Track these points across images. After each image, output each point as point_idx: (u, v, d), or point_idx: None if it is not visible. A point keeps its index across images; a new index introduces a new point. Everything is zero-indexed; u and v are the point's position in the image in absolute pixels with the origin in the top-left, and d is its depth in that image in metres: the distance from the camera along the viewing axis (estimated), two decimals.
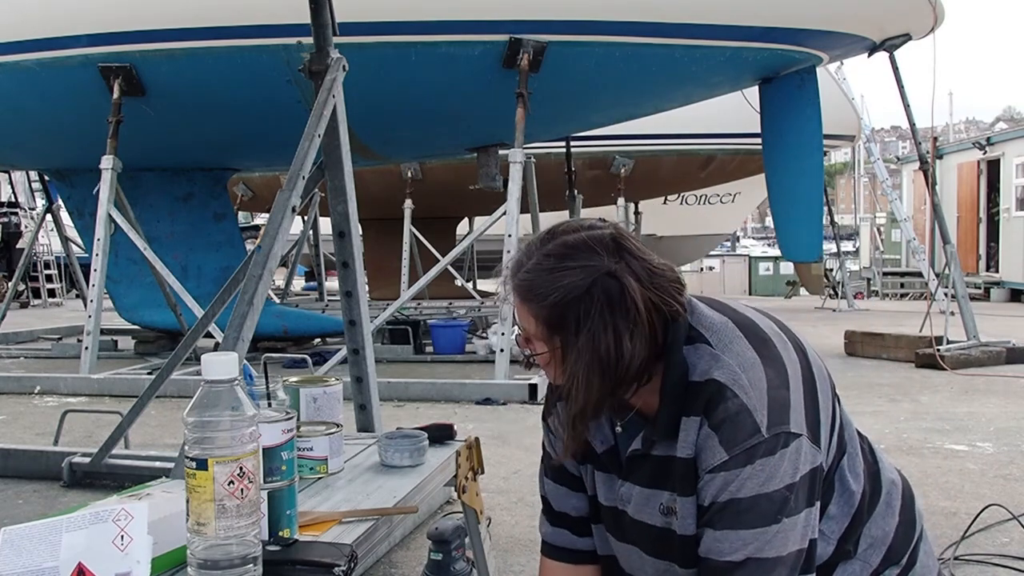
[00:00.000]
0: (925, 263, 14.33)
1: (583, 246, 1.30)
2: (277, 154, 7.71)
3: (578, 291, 1.27)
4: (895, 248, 21.69)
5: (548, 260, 1.31)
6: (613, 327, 1.26)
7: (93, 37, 7.16)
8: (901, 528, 1.35)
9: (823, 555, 1.29)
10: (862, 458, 1.37)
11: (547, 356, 1.32)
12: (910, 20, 8.16)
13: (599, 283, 1.27)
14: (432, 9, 6.89)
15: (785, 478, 1.19)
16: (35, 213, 14.99)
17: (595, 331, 1.26)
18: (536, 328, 1.31)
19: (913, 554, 1.37)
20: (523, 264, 1.33)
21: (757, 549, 1.16)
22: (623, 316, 1.26)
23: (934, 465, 4.42)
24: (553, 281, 1.28)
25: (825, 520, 1.29)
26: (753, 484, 1.19)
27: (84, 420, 5.20)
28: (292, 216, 3.00)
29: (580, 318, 1.26)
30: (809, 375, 1.31)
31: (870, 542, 1.32)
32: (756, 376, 1.24)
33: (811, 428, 1.25)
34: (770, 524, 1.17)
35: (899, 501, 1.38)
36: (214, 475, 1.07)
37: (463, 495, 1.90)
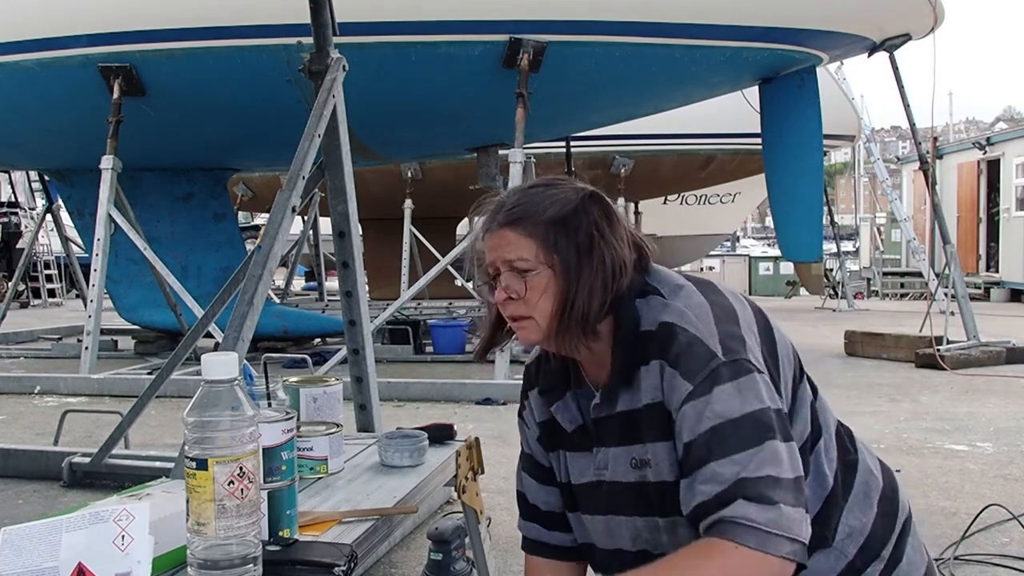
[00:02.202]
0: (925, 263, 14.34)
1: (561, 180, 1.38)
2: (277, 154, 7.71)
3: (572, 204, 1.32)
4: (895, 248, 21.68)
5: (535, 188, 1.36)
6: (610, 237, 1.31)
7: (93, 37, 7.17)
8: (879, 520, 1.33)
9: None
10: (837, 445, 1.35)
11: (538, 281, 1.30)
12: (910, 20, 8.15)
13: (591, 198, 1.34)
14: (432, 9, 6.89)
15: (757, 402, 1.18)
16: (35, 213, 14.99)
17: (596, 240, 1.30)
18: (531, 249, 1.31)
19: (898, 549, 1.35)
20: (504, 203, 1.36)
21: (753, 469, 1.13)
22: (614, 230, 1.33)
23: (934, 465, 4.42)
24: (547, 199, 1.33)
25: None
26: (727, 407, 1.18)
27: (84, 420, 5.20)
28: (292, 216, 3.00)
29: (579, 229, 1.30)
30: (768, 334, 1.30)
31: (848, 531, 1.30)
32: (703, 312, 1.26)
33: (770, 374, 1.24)
34: (759, 444, 1.15)
35: (877, 493, 1.35)
36: (214, 475, 1.07)
37: (463, 495, 1.90)
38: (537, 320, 1.31)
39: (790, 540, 1.12)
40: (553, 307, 1.30)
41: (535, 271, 1.30)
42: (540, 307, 1.31)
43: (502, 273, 1.33)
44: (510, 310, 1.33)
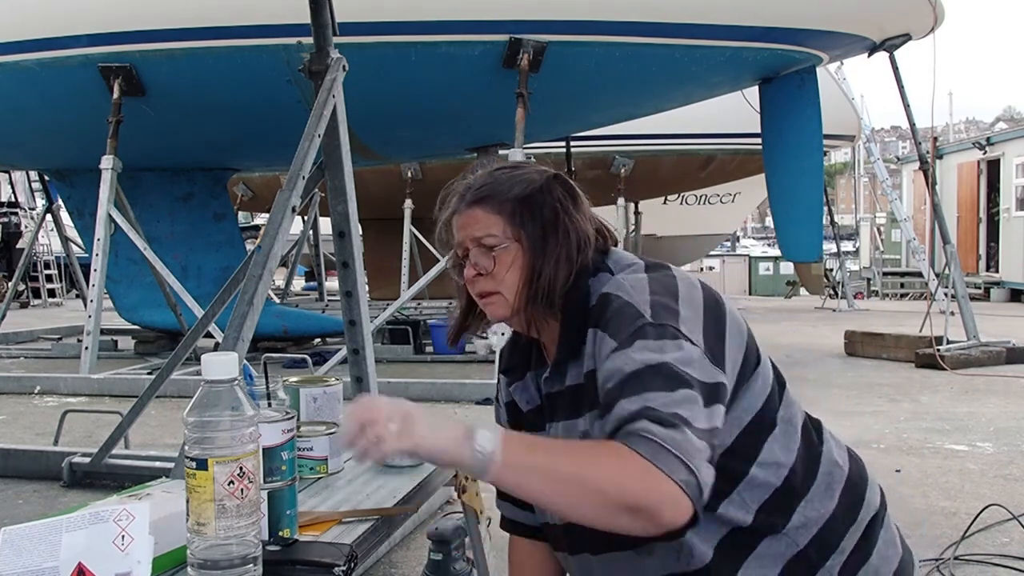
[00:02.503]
0: (925, 263, 14.34)
1: (526, 163, 1.43)
2: (277, 154, 7.71)
3: (538, 184, 1.37)
4: (895, 248, 21.68)
5: (500, 170, 1.41)
6: (574, 213, 1.36)
7: (93, 37, 7.17)
8: (839, 511, 1.30)
9: (742, 521, 1.26)
10: (803, 438, 1.33)
11: (505, 256, 1.33)
12: (910, 20, 8.15)
13: (555, 178, 1.39)
14: (432, 9, 6.89)
15: (683, 363, 1.17)
16: (35, 213, 14.99)
17: (560, 215, 1.34)
18: (498, 225, 1.34)
19: (865, 542, 1.32)
20: (472, 184, 1.40)
21: (663, 406, 1.11)
22: (578, 207, 1.38)
23: (934, 465, 4.42)
24: (512, 178, 1.37)
25: (748, 486, 1.27)
26: (646, 356, 1.18)
27: (84, 420, 5.20)
28: (292, 216, 3.00)
29: (544, 206, 1.35)
30: (716, 314, 1.28)
31: (803, 521, 1.28)
32: (640, 284, 1.27)
33: (711, 350, 1.21)
34: (671, 389, 1.14)
35: (841, 484, 1.33)
36: (214, 475, 1.07)
37: (463, 495, 1.90)
38: (504, 295, 1.34)
39: (686, 467, 1.08)
40: (520, 281, 1.33)
41: (502, 246, 1.34)
42: (507, 281, 1.34)
43: (472, 252, 1.36)
44: (479, 287, 1.36)
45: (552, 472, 1.10)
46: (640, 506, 1.08)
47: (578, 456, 1.14)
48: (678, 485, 1.08)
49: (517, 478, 1.11)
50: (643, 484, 1.08)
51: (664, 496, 1.07)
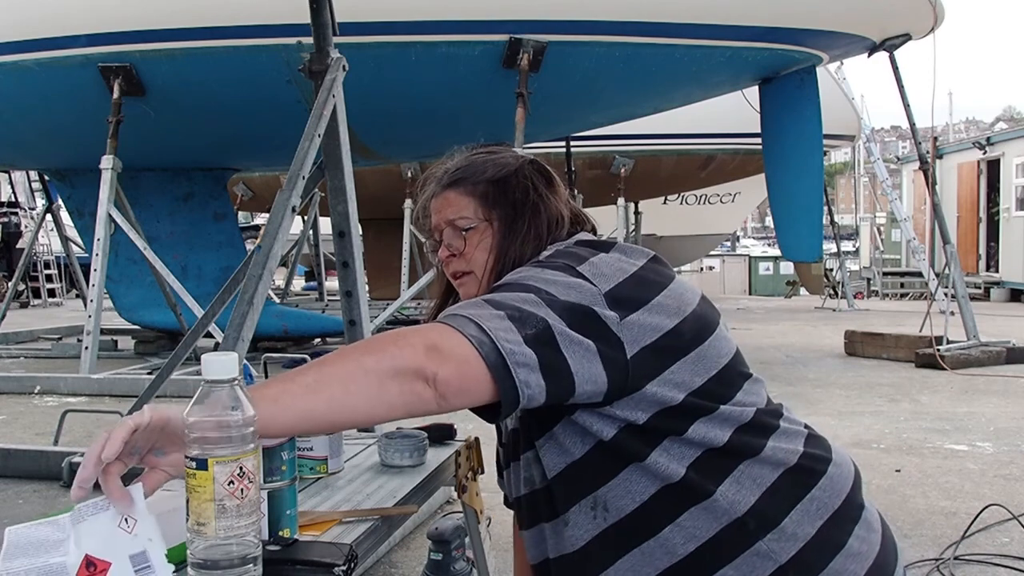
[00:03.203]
0: (925, 263, 14.34)
1: (503, 148, 1.44)
2: (277, 154, 7.71)
3: (512, 167, 1.39)
4: (895, 248, 21.68)
5: (476, 154, 1.43)
6: (547, 194, 1.38)
7: (93, 37, 7.16)
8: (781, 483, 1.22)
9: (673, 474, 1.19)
10: (754, 421, 1.25)
11: (476, 236, 1.35)
12: (910, 20, 8.16)
13: (530, 164, 1.41)
14: (432, 9, 6.89)
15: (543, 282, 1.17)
16: (35, 213, 14.99)
17: (531, 196, 1.36)
18: (471, 207, 1.37)
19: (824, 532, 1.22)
20: (448, 168, 1.42)
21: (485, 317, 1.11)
22: (552, 190, 1.40)
23: (934, 465, 4.42)
24: (487, 161, 1.40)
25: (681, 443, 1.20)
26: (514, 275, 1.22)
27: (84, 420, 5.20)
28: (292, 216, 3.00)
29: (517, 188, 1.37)
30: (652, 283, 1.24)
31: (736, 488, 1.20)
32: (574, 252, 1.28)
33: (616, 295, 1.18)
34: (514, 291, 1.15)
35: (790, 463, 1.24)
36: (214, 475, 1.07)
37: (463, 495, 1.90)
38: (476, 274, 1.36)
39: (478, 327, 1.08)
40: (490, 259, 1.35)
41: (472, 226, 1.36)
42: (477, 260, 1.36)
43: (446, 234, 1.39)
44: (452, 267, 1.39)
45: (306, 381, 1.06)
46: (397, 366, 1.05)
47: (322, 360, 1.10)
48: (465, 337, 1.08)
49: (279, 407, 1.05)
50: (410, 342, 1.07)
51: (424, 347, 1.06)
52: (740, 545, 1.19)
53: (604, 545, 1.24)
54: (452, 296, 1.45)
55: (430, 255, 1.45)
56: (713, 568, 1.20)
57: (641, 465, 1.20)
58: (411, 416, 1.11)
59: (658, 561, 1.21)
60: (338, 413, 1.08)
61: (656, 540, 1.21)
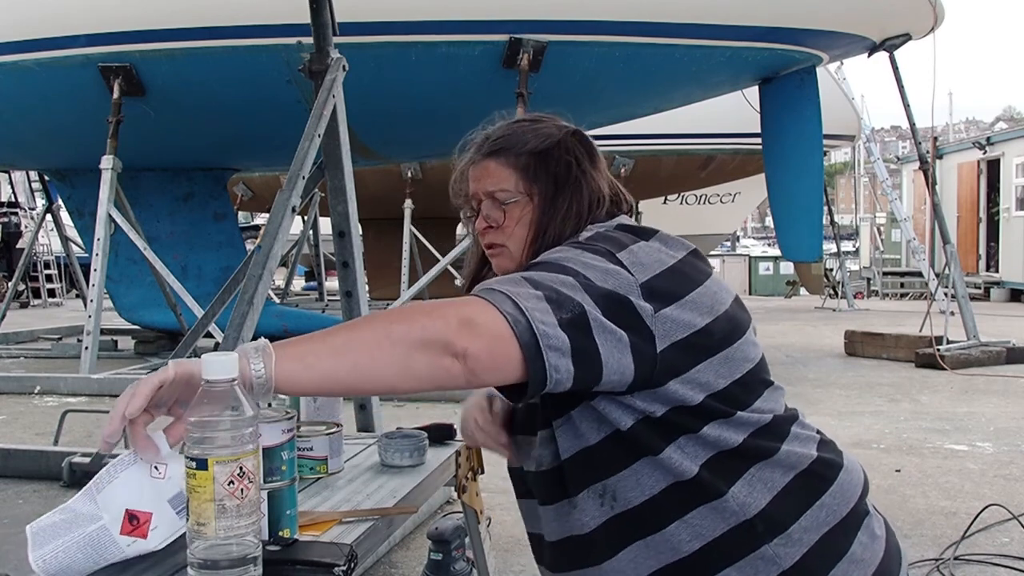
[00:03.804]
0: (925, 263, 14.33)
1: (547, 117, 1.41)
2: (277, 154, 7.71)
3: (555, 138, 1.36)
4: (895, 248, 21.67)
5: (519, 123, 1.40)
6: (589, 170, 1.36)
7: (93, 37, 7.17)
8: (793, 488, 1.21)
9: (686, 471, 1.18)
10: (771, 426, 1.25)
11: (515, 210, 1.33)
12: (910, 20, 8.16)
13: (573, 135, 1.38)
14: (432, 9, 6.89)
15: (583, 265, 1.15)
16: (35, 213, 14.99)
17: (574, 171, 1.34)
18: (511, 179, 1.34)
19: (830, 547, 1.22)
20: (489, 135, 1.40)
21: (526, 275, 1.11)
22: (595, 165, 1.38)
23: (934, 465, 4.42)
24: (530, 131, 1.37)
25: (696, 441, 1.20)
26: (561, 255, 1.19)
27: (84, 420, 5.19)
28: (292, 216, 3.00)
29: (559, 162, 1.34)
30: (690, 276, 1.23)
31: (747, 491, 1.20)
32: (614, 236, 1.27)
33: (652, 287, 1.17)
34: (552, 272, 1.13)
35: (801, 468, 1.24)
36: (214, 475, 1.07)
37: (463, 495, 1.90)
38: (511, 248, 1.34)
39: (515, 305, 1.07)
40: (528, 235, 1.33)
41: (513, 200, 1.34)
42: (516, 235, 1.34)
43: (484, 204, 1.36)
44: (488, 238, 1.37)
45: (333, 344, 1.06)
46: (428, 338, 1.04)
47: (352, 324, 1.10)
48: (501, 315, 1.06)
49: (304, 366, 1.04)
50: (444, 313, 1.06)
51: (458, 321, 1.05)
52: (746, 547, 1.19)
53: (609, 533, 1.23)
54: (486, 266, 1.42)
55: (464, 222, 1.43)
56: (717, 568, 1.20)
57: (654, 459, 1.20)
58: (438, 389, 1.09)
59: (662, 555, 1.21)
60: (361, 380, 1.08)
61: (662, 535, 1.21)
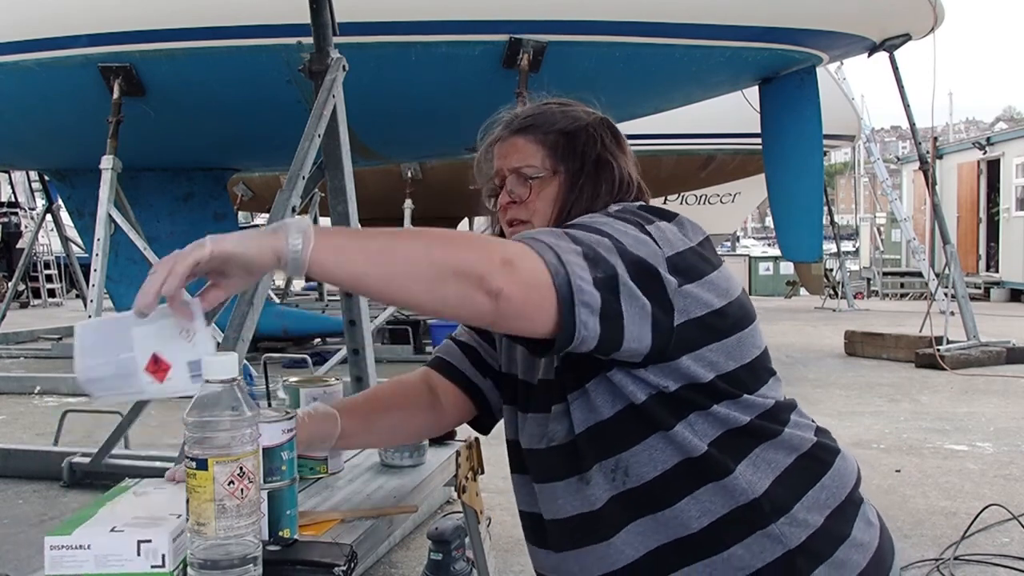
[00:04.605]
0: (925, 263, 14.33)
1: (575, 102, 1.41)
2: (277, 154, 7.71)
3: (583, 121, 1.36)
4: (895, 248, 21.67)
5: (548, 104, 1.40)
6: (619, 155, 1.35)
7: (93, 37, 7.16)
8: (794, 468, 1.23)
9: (694, 449, 1.19)
10: (772, 408, 1.27)
11: (541, 186, 1.32)
12: (910, 20, 8.15)
13: (601, 122, 1.37)
14: (432, 9, 6.89)
15: (617, 232, 1.15)
16: (35, 213, 14.98)
17: (603, 155, 1.33)
18: (538, 156, 1.34)
19: (832, 521, 1.23)
20: (519, 114, 1.39)
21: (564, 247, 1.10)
22: (623, 150, 1.37)
23: (934, 465, 4.42)
24: (559, 113, 1.37)
25: (706, 418, 1.21)
26: (596, 219, 1.19)
27: (84, 420, 5.20)
28: (292, 216, 3.00)
29: (588, 143, 1.34)
30: (709, 259, 1.25)
31: (752, 470, 1.21)
32: (638, 211, 1.27)
33: (676, 263, 1.18)
34: (588, 232, 1.13)
35: (803, 449, 1.26)
36: (214, 475, 1.07)
37: (463, 495, 1.90)
38: (535, 224, 1.33)
39: (556, 256, 1.06)
40: (552, 213, 1.32)
41: (539, 176, 1.33)
42: (540, 211, 1.33)
43: (508, 180, 1.36)
44: (511, 214, 1.35)
45: (372, 246, 1.06)
46: (465, 268, 1.03)
47: (396, 232, 1.10)
48: (544, 263, 1.06)
49: (337, 259, 1.04)
50: (488, 249, 1.06)
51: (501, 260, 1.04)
52: (753, 525, 1.20)
53: (618, 509, 1.23)
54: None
55: (486, 200, 1.42)
56: (724, 545, 1.20)
57: (666, 435, 1.21)
58: (461, 320, 1.10)
59: (671, 531, 1.22)
60: (389, 290, 1.08)
61: (672, 511, 1.21)
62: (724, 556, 1.20)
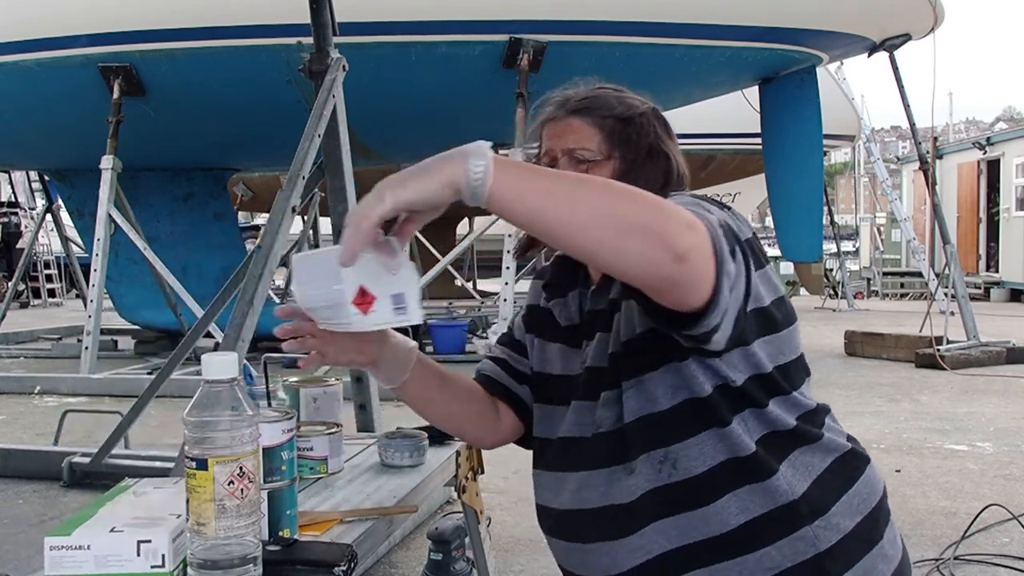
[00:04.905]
0: (925, 263, 14.33)
1: (627, 89, 1.41)
2: (277, 154, 7.72)
3: (638, 110, 1.35)
4: (895, 248, 21.66)
5: (603, 88, 1.41)
6: (670, 147, 1.35)
7: (93, 37, 7.17)
8: (829, 473, 1.24)
9: (744, 448, 1.20)
10: (812, 410, 1.29)
11: (595, 171, 1.30)
12: (910, 20, 8.16)
13: (653, 111, 1.37)
14: (432, 9, 6.89)
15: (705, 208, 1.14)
16: (35, 213, 14.99)
17: (658, 147, 1.33)
18: (595, 139, 1.32)
19: (863, 527, 1.24)
20: (573, 95, 1.39)
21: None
22: (673, 144, 1.37)
23: (934, 465, 4.42)
24: (616, 98, 1.37)
25: (759, 416, 1.22)
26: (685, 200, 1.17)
27: (84, 420, 5.20)
28: (292, 216, 3.00)
29: (643, 132, 1.33)
30: (767, 260, 1.26)
31: (792, 471, 1.21)
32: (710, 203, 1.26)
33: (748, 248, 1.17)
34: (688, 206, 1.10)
35: (838, 454, 1.27)
36: (214, 475, 1.07)
37: (463, 495, 1.90)
38: None
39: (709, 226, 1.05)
40: None
41: (595, 160, 1.32)
42: None
43: (559, 160, 1.34)
44: None
45: (557, 188, 1.04)
46: (653, 226, 1.01)
47: (584, 178, 1.08)
48: (707, 228, 1.04)
49: (518, 192, 1.03)
50: (657, 208, 1.03)
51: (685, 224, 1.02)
52: (790, 527, 1.21)
53: (653, 501, 1.23)
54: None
55: None
56: (759, 545, 1.21)
57: (720, 431, 1.21)
58: (629, 278, 1.06)
59: (707, 528, 1.21)
60: (567, 236, 1.04)
61: (712, 507, 1.21)
62: (756, 556, 1.20)
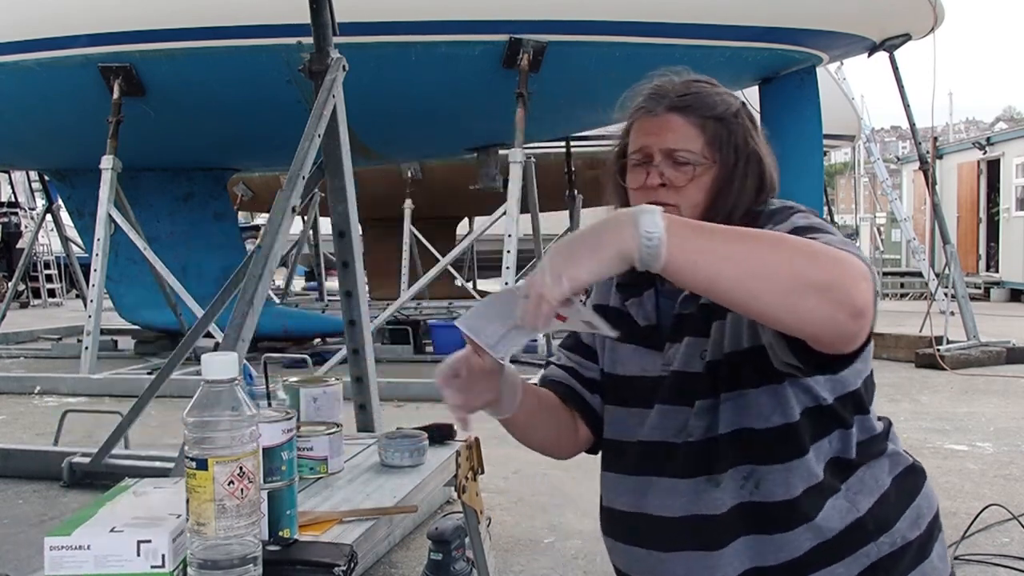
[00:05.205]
0: (925, 263, 14.31)
1: (717, 82, 1.40)
2: (277, 154, 7.72)
3: (733, 109, 1.33)
4: (895, 248, 21.65)
5: (701, 83, 1.38)
6: (764, 150, 1.33)
7: (93, 37, 7.17)
8: (894, 488, 1.27)
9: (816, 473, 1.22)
10: (869, 428, 1.30)
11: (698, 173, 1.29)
12: (910, 20, 8.16)
13: (744, 108, 1.36)
14: (432, 9, 6.89)
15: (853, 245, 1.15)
16: (35, 213, 14.98)
17: (753, 147, 1.32)
18: (698, 141, 1.30)
19: (922, 541, 1.27)
20: (670, 90, 1.36)
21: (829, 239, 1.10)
22: (764, 141, 1.35)
23: (934, 465, 4.42)
24: (713, 95, 1.34)
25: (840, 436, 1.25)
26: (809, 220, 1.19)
27: (84, 420, 5.20)
28: (292, 216, 3.00)
29: (738, 132, 1.31)
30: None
31: (859, 488, 1.24)
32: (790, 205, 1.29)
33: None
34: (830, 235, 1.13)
35: (900, 468, 1.30)
36: (214, 475, 1.07)
37: (463, 495, 1.90)
38: (682, 210, 1.27)
39: (867, 266, 1.05)
40: (704, 201, 1.28)
41: (699, 163, 1.29)
42: (690, 197, 1.28)
43: (658, 160, 1.30)
44: (659, 196, 1.28)
45: (731, 251, 1.03)
46: (833, 284, 1.01)
47: (757, 236, 1.07)
48: (871, 275, 1.04)
49: (693, 260, 1.02)
50: (833, 263, 1.02)
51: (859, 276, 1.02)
52: (858, 544, 1.22)
53: (740, 517, 1.23)
54: None
55: (614, 171, 1.38)
56: (826, 565, 1.22)
57: (802, 460, 1.22)
58: (799, 333, 1.05)
59: (781, 553, 1.22)
60: (736, 293, 1.04)
61: (789, 535, 1.22)
62: (824, 572, 1.22)
